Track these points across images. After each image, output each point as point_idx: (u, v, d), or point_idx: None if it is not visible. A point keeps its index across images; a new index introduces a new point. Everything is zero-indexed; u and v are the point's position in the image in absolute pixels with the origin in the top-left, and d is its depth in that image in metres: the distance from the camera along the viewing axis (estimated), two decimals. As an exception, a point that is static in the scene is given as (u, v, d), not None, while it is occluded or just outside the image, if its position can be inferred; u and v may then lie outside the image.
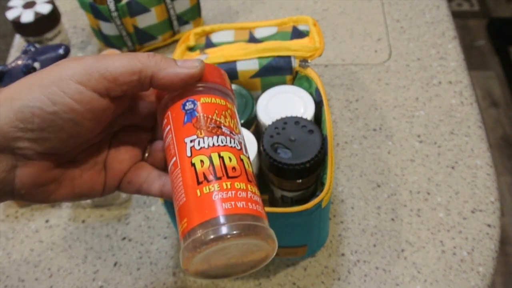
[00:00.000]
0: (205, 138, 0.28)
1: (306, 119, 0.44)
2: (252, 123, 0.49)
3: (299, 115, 0.45)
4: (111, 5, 0.65)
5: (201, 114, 0.29)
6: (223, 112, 0.30)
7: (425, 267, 0.52)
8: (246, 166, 0.29)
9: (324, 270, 0.52)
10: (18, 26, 0.68)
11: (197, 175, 0.27)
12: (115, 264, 0.54)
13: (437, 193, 0.57)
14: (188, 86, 0.30)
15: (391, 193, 0.57)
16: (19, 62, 0.61)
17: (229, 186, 0.27)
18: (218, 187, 0.27)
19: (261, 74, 0.50)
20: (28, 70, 0.60)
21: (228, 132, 0.29)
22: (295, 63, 0.50)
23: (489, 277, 0.51)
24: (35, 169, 0.28)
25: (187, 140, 0.29)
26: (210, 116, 0.29)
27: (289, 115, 0.45)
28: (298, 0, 0.81)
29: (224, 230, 0.26)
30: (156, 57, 0.29)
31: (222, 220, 0.26)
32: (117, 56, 0.28)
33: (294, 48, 0.49)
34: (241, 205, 0.27)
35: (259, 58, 0.49)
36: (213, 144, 0.28)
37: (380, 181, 0.58)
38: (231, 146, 0.29)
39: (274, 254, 0.29)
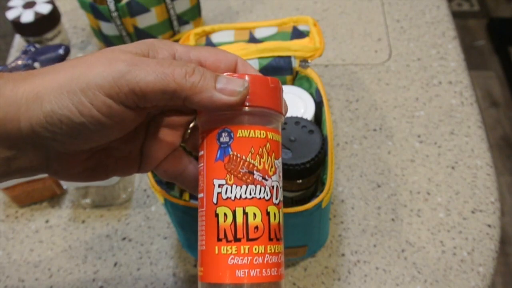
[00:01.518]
0: (234, 186, 0.27)
1: (306, 119, 0.44)
2: (252, 123, 0.49)
3: (299, 115, 0.45)
4: (111, 5, 0.65)
5: (235, 154, 0.27)
6: (260, 150, 0.28)
7: (425, 267, 0.52)
8: (272, 220, 0.28)
9: (324, 270, 0.52)
10: (18, 26, 0.68)
11: (218, 229, 0.27)
12: (115, 264, 0.54)
13: (437, 193, 0.57)
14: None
15: (391, 193, 0.57)
16: (19, 62, 0.61)
17: (246, 251, 0.27)
18: (235, 251, 0.27)
19: (261, 74, 0.50)
20: (28, 70, 0.60)
21: (260, 179, 0.28)
22: (295, 63, 0.50)
23: (489, 277, 0.51)
24: (67, 161, 0.28)
25: (216, 182, 0.28)
26: (244, 158, 0.28)
27: (289, 115, 0.45)
28: (298, 0, 0.81)
29: None
30: (194, 77, 0.26)
31: None
32: (151, 66, 0.26)
33: (294, 48, 0.49)
34: (255, 273, 0.27)
35: (259, 58, 0.49)
36: (240, 196, 0.27)
37: (380, 181, 0.58)
38: (260, 198, 0.28)
39: None
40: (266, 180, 0.28)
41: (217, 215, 0.27)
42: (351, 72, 0.70)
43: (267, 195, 0.28)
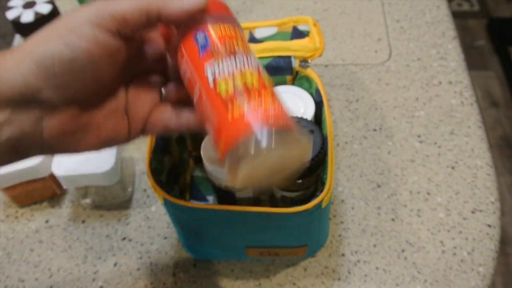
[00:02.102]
0: (224, 61, 0.30)
1: (306, 119, 0.44)
2: (252, 123, 0.49)
3: (299, 115, 0.45)
4: (111, 5, 0.64)
5: (215, 41, 0.30)
6: (234, 38, 0.31)
7: (425, 267, 0.52)
8: (266, 80, 0.30)
9: (324, 270, 0.52)
10: (18, 26, 0.68)
11: (224, 102, 0.29)
12: (115, 264, 0.54)
13: (437, 193, 0.57)
14: (195, 19, 0.31)
15: (391, 193, 0.57)
16: (19, 62, 0.61)
17: (257, 103, 0.28)
18: (247, 106, 0.28)
19: (261, 74, 0.50)
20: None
21: (243, 53, 0.31)
22: (295, 63, 0.50)
23: (489, 277, 0.51)
24: (61, 118, 0.29)
25: (207, 68, 0.30)
26: (223, 42, 0.30)
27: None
28: (298, 0, 0.81)
29: (260, 143, 0.27)
30: None
31: (257, 135, 0.27)
32: None
33: (294, 48, 0.49)
34: (273, 118, 0.28)
35: (259, 58, 0.49)
36: (233, 66, 0.30)
37: (380, 181, 0.58)
38: (249, 64, 0.30)
39: (310, 154, 0.32)
40: (249, 54, 0.31)
41: (218, 93, 0.29)
42: (351, 72, 0.70)
43: (254, 62, 0.31)
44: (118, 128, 0.33)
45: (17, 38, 0.79)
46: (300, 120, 0.44)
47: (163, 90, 0.35)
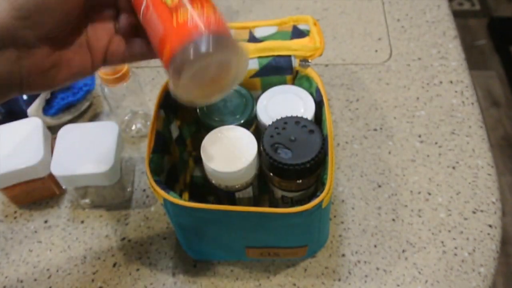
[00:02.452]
0: None
1: (306, 119, 0.44)
2: (252, 123, 0.49)
3: (299, 115, 0.45)
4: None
5: None
6: None
7: (426, 267, 0.51)
8: None
9: (325, 271, 0.52)
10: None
11: (169, 10, 0.31)
12: (114, 265, 0.53)
13: (438, 193, 0.57)
14: None
15: (392, 193, 0.57)
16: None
17: (199, 11, 0.30)
18: (190, 14, 0.30)
19: (261, 73, 0.50)
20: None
21: None
22: (295, 63, 0.50)
23: (490, 277, 0.51)
24: (38, 56, 0.32)
25: None
26: None
27: (289, 115, 0.44)
28: (298, -1, 0.81)
29: (203, 47, 0.29)
30: None
31: (201, 39, 0.29)
32: None
33: (294, 47, 0.49)
34: (214, 25, 0.30)
35: (259, 57, 0.49)
36: None
37: (381, 181, 0.58)
38: None
39: (247, 66, 0.33)
40: None
41: (164, 2, 0.31)
42: (351, 72, 0.70)
43: None
44: (84, 62, 0.36)
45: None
46: (301, 120, 0.44)
47: (116, 22, 0.37)
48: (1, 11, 0.29)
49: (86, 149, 0.53)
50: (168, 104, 0.48)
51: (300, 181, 0.44)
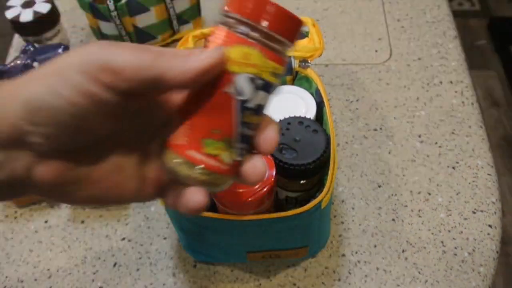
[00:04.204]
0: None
1: (309, 119, 0.44)
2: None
3: (301, 115, 0.45)
4: (111, 5, 0.64)
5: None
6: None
7: (426, 267, 0.51)
8: None
9: (325, 271, 0.52)
10: (17, 25, 0.68)
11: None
12: (114, 265, 0.53)
13: (438, 193, 0.57)
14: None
15: (392, 194, 0.57)
16: (18, 61, 0.61)
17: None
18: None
19: (261, 74, 0.50)
20: (27, 69, 0.60)
21: None
22: (295, 64, 0.50)
23: (490, 277, 0.51)
24: (53, 168, 0.26)
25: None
26: None
27: (291, 115, 0.44)
28: (298, -1, 0.81)
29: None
30: (167, 54, 0.25)
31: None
32: (128, 47, 0.25)
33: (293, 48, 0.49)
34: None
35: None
36: None
37: (381, 182, 0.58)
38: None
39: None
40: None
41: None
42: (352, 72, 0.70)
43: None
44: (124, 187, 0.29)
45: (16, 37, 0.79)
46: (304, 120, 0.44)
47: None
48: (12, 111, 0.25)
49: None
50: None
51: (304, 181, 0.44)
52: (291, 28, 0.26)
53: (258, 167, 0.28)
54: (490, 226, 0.54)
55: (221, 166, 0.27)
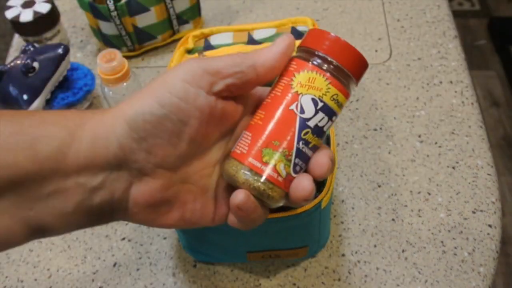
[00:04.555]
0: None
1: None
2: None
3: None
4: (111, 5, 0.64)
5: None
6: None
7: (425, 267, 0.51)
8: None
9: (325, 271, 0.52)
10: (17, 25, 0.68)
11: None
12: (114, 265, 0.53)
13: (437, 193, 0.57)
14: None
15: (392, 193, 0.57)
16: (18, 61, 0.61)
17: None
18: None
19: (261, 74, 0.50)
20: (27, 69, 0.60)
21: None
22: (295, 63, 0.50)
23: (490, 277, 0.51)
24: (149, 187, 0.28)
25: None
26: None
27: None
28: (298, -1, 0.81)
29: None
30: (251, 52, 0.29)
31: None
32: (218, 56, 0.29)
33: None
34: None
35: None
36: None
37: (381, 181, 0.58)
38: None
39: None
40: None
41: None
42: (352, 72, 0.70)
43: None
44: (204, 210, 0.31)
45: (16, 37, 0.79)
46: None
47: None
48: (119, 130, 0.27)
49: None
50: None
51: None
52: (357, 65, 0.30)
53: (305, 186, 0.29)
54: (490, 226, 0.54)
55: (277, 176, 0.29)
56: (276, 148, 0.29)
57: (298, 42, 0.50)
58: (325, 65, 0.29)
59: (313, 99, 0.29)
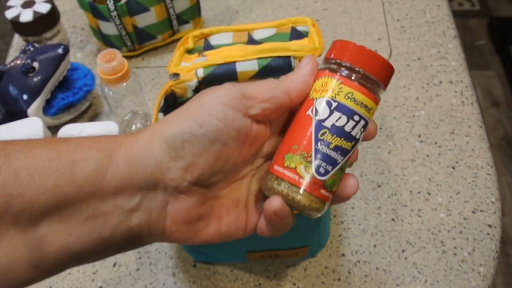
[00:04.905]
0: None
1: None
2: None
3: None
4: (110, 5, 0.64)
5: None
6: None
7: (425, 267, 0.51)
8: None
9: (324, 271, 0.52)
10: (17, 25, 0.68)
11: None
12: (114, 265, 0.53)
13: (437, 193, 0.57)
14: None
15: (392, 193, 0.57)
16: (18, 61, 0.61)
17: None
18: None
19: (261, 74, 0.50)
20: (27, 69, 0.60)
21: None
22: (295, 64, 0.50)
23: (490, 277, 0.51)
24: (185, 204, 0.29)
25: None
26: None
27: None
28: (298, -1, 0.81)
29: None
30: (282, 78, 0.31)
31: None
32: (252, 82, 0.31)
33: (293, 48, 0.49)
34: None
35: (258, 59, 0.49)
36: None
37: (381, 181, 0.58)
38: None
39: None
40: None
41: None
42: (351, 72, 0.70)
43: None
44: (238, 222, 0.32)
45: (16, 37, 0.79)
46: None
47: None
48: (157, 148, 0.28)
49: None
50: (167, 108, 0.48)
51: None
52: (368, 62, 0.31)
53: (351, 184, 0.32)
54: (489, 226, 0.54)
55: (298, 179, 0.30)
56: (295, 152, 0.30)
57: (297, 42, 0.50)
58: (335, 67, 0.31)
59: (327, 101, 0.30)
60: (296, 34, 0.51)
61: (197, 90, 0.51)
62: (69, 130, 0.55)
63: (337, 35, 0.75)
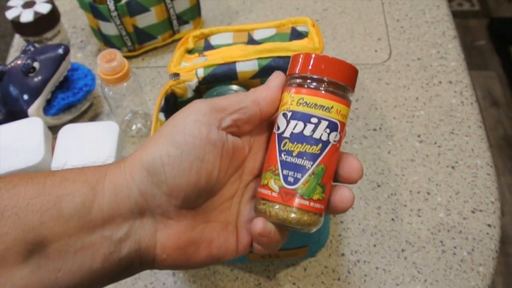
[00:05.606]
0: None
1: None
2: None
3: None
4: (111, 5, 0.65)
5: None
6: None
7: (425, 267, 0.51)
8: None
9: (324, 270, 0.52)
10: (17, 25, 0.68)
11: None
12: (114, 264, 0.53)
13: (437, 193, 0.57)
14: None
15: (391, 193, 0.57)
16: (19, 62, 0.61)
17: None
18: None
19: (261, 75, 0.50)
20: (28, 70, 0.60)
21: None
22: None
23: (489, 277, 0.51)
24: (175, 230, 0.29)
25: None
26: None
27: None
28: (298, -1, 0.81)
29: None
30: (251, 91, 0.32)
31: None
32: (222, 96, 0.32)
33: (293, 48, 0.49)
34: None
35: (259, 59, 0.49)
36: None
37: (380, 181, 0.58)
38: None
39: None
40: None
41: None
42: (351, 72, 0.70)
43: None
44: (228, 244, 0.32)
45: (17, 37, 0.79)
46: None
47: None
48: (138, 177, 0.28)
49: (87, 149, 0.53)
50: (167, 108, 0.48)
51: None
52: (314, 65, 0.31)
53: (345, 196, 0.32)
54: (489, 225, 0.54)
55: (271, 193, 0.30)
56: (266, 169, 0.31)
57: (297, 42, 0.50)
58: (289, 81, 0.32)
59: (283, 113, 0.30)
60: (296, 34, 0.51)
61: (197, 90, 0.51)
62: (70, 130, 0.55)
63: (337, 35, 0.75)
